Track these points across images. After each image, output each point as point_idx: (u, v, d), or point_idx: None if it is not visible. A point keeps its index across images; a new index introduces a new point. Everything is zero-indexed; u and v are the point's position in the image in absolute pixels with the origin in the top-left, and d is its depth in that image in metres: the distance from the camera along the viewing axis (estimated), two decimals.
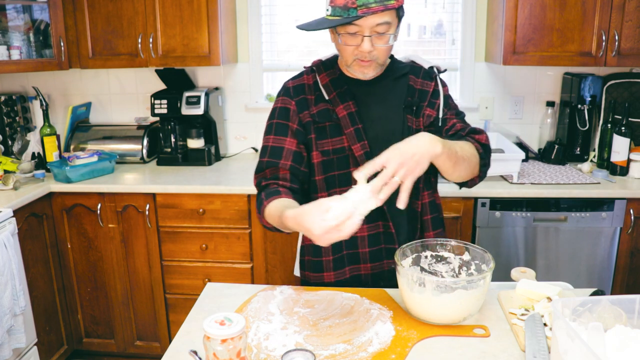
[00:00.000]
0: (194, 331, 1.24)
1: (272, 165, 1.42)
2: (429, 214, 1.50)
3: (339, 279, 1.49)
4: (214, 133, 2.90)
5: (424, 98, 1.46)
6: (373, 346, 1.14)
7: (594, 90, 2.70)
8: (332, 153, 1.43)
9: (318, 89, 1.45)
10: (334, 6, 1.28)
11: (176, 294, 2.62)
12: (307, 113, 1.44)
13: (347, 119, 1.41)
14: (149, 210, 2.51)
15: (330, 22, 1.28)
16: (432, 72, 1.50)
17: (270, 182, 1.41)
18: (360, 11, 1.25)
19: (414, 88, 1.47)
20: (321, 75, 1.46)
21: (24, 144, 2.88)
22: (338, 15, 1.27)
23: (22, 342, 2.19)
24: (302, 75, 1.49)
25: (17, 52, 2.67)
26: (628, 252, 2.39)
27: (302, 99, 1.45)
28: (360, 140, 1.41)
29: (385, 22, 1.29)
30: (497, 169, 2.46)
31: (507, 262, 2.41)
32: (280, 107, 1.46)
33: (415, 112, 1.45)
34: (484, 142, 1.42)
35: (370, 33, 1.30)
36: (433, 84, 1.48)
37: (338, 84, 1.44)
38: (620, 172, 2.53)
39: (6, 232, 2.14)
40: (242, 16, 2.96)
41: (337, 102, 1.42)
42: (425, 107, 1.45)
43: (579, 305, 1.01)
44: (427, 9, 2.97)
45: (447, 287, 1.18)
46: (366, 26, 1.28)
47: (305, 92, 1.46)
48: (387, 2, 1.26)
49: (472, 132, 1.43)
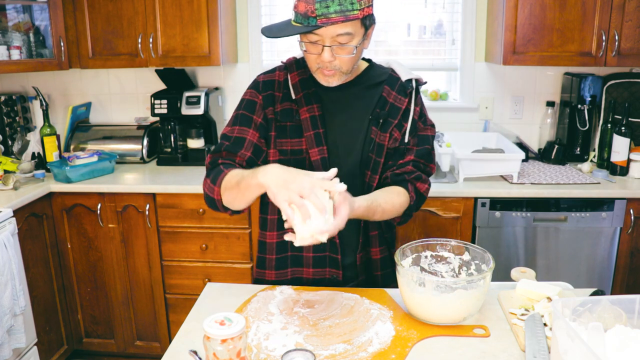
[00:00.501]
0: (194, 331, 1.23)
1: (231, 151, 1.39)
2: (375, 230, 1.46)
3: (280, 279, 1.48)
4: (214, 133, 2.90)
5: (395, 115, 1.40)
6: (373, 346, 1.14)
7: (594, 90, 2.70)
8: (290, 154, 1.41)
9: (287, 87, 1.43)
10: (296, 12, 1.25)
11: (176, 294, 2.62)
12: (271, 109, 1.42)
13: (308, 121, 1.39)
14: (149, 210, 2.51)
15: (291, 29, 1.24)
16: (408, 86, 1.42)
17: (228, 161, 1.38)
18: (320, 21, 1.20)
19: (386, 100, 1.41)
20: (292, 74, 1.43)
21: (24, 144, 2.88)
22: (299, 22, 1.24)
23: (22, 342, 2.19)
24: (275, 71, 1.47)
25: (17, 52, 2.67)
26: (628, 252, 2.39)
27: (269, 95, 1.43)
28: (319, 145, 1.38)
29: (347, 32, 1.24)
30: (497, 169, 2.46)
31: (507, 262, 2.41)
32: (247, 100, 1.44)
33: (382, 126, 1.40)
34: (422, 192, 1.43)
35: (331, 43, 1.26)
36: (406, 100, 1.41)
37: (307, 85, 1.42)
38: (620, 172, 2.53)
39: (6, 232, 2.14)
40: (242, 16, 2.96)
41: (302, 104, 1.40)
42: (393, 126, 1.40)
43: (579, 305, 1.01)
44: (427, 9, 2.97)
45: (447, 287, 1.18)
46: (326, 36, 1.25)
47: (274, 88, 1.43)
48: (349, 12, 1.21)
49: (416, 179, 1.42)
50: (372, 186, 1.41)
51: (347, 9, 1.20)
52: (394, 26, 3.00)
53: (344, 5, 1.20)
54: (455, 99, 3.03)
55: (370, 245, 1.48)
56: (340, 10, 1.20)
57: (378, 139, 1.40)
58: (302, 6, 1.22)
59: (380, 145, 1.40)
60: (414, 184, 1.42)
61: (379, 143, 1.40)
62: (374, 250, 1.48)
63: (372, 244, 1.48)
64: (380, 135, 1.40)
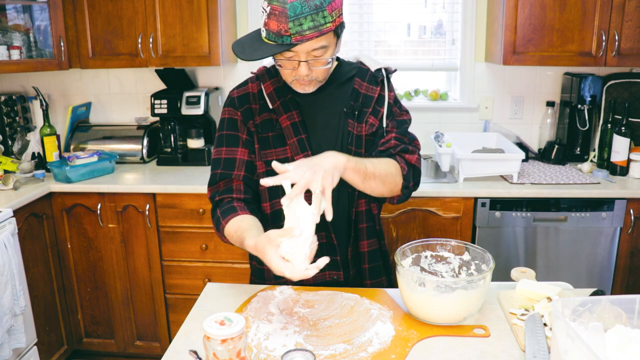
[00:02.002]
0: (194, 331, 1.23)
1: (226, 177, 1.40)
2: (364, 223, 1.47)
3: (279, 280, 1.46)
4: (214, 133, 2.89)
5: (368, 104, 1.41)
6: (373, 346, 1.14)
7: (594, 90, 2.70)
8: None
9: (262, 97, 1.42)
10: (267, 30, 1.22)
11: (176, 294, 2.62)
12: (251, 123, 1.41)
13: (290, 129, 1.39)
14: (149, 210, 2.51)
15: (266, 50, 1.22)
16: (379, 74, 1.42)
17: (225, 196, 1.39)
18: (294, 39, 1.19)
19: (359, 92, 1.42)
20: (265, 84, 1.42)
21: (24, 144, 2.88)
22: (272, 40, 1.22)
23: (22, 342, 2.19)
24: (247, 84, 1.45)
25: (17, 52, 2.67)
26: (628, 252, 2.39)
27: (247, 109, 1.42)
28: (304, 151, 1.38)
29: (322, 46, 1.24)
30: (497, 169, 2.46)
31: (507, 262, 2.41)
32: (227, 119, 1.44)
33: (358, 117, 1.40)
34: (414, 162, 1.41)
35: (307, 58, 1.26)
36: (378, 89, 1.42)
37: (282, 93, 1.41)
38: (620, 172, 2.53)
39: (6, 232, 2.14)
40: (242, 16, 2.96)
41: (281, 112, 1.39)
42: (369, 114, 1.41)
43: (579, 305, 1.01)
44: (427, 9, 2.98)
45: (447, 287, 1.18)
46: (302, 52, 1.24)
47: (250, 101, 1.43)
48: (322, 27, 1.20)
49: (403, 151, 1.41)
50: None
51: (320, 24, 1.19)
52: (394, 26, 3.00)
53: (317, 21, 1.19)
54: (455, 99, 3.03)
55: (359, 238, 1.48)
56: (314, 26, 1.19)
57: (355, 130, 1.40)
58: (274, 25, 1.20)
59: (359, 136, 1.40)
60: (402, 156, 1.40)
61: (357, 134, 1.40)
62: (362, 243, 1.48)
63: (361, 237, 1.48)
64: (357, 126, 1.40)
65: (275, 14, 1.19)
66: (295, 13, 1.17)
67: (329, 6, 1.20)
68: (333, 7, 1.21)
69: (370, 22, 2.97)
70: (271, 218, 1.45)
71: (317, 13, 1.18)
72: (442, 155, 2.52)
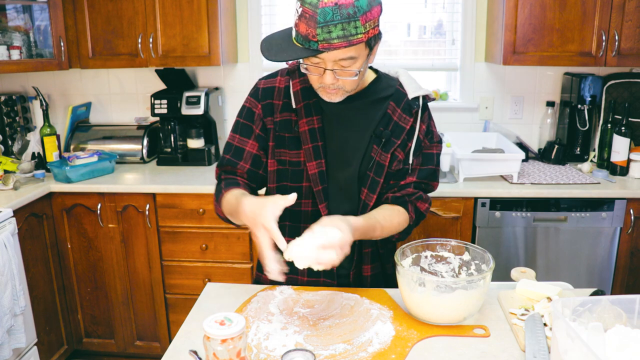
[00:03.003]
0: (194, 331, 1.23)
1: (232, 164, 1.42)
2: (369, 247, 1.44)
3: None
4: (214, 133, 2.90)
5: (398, 134, 1.35)
6: (373, 346, 1.14)
7: (594, 90, 2.70)
8: (288, 164, 1.40)
9: (288, 95, 1.38)
10: (297, 31, 1.17)
11: (176, 294, 2.62)
12: (270, 119, 1.39)
13: (307, 134, 1.36)
14: (149, 210, 2.51)
15: (292, 52, 1.17)
16: (414, 105, 1.36)
17: (230, 176, 1.41)
18: (321, 46, 1.14)
19: (391, 117, 1.36)
20: (294, 81, 1.38)
21: (24, 144, 2.88)
22: (300, 43, 1.17)
23: (22, 342, 2.19)
24: (277, 76, 1.42)
25: (17, 52, 2.67)
26: (628, 252, 2.39)
27: (268, 104, 1.39)
28: (317, 159, 1.36)
29: (350, 57, 1.19)
30: (497, 169, 2.46)
31: (507, 262, 2.41)
32: (247, 108, 1.43)
33: (384, 146, 1.35)
34: (423, 211, 1.42)
35: (333, 67, 1.21)
36: (411, 120, 1.36)
37: (309, 95, 1.36)
38: (620, 172, 2.53)
39: (6, 232, 2.14)
40: (242, 16, 2.96)
41: (302, 115, 1.36)
42: (397, 146, 1.36)
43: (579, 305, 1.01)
44: (427, 9, 2.98)
45: (447, 287, 1.18)
46: (328, 60, 1.19)
47: (274, 96, 1.39)
48: (353, 37, 1.14)
49: (417, 199, 1.40)
50: (368, 205, 1.38)
51: (350, 34, 1.13)
52: (394, 26, 3.00)
53: (347, 30, 1.13)
54: (455, 99, 3.03)
55: (362, 262, 1.46)
56: (344, 36, 1.13)
57: (379, 157, 1.36)
58: (303, 28, 1.14)
59: (381, 164, 1.36)
60: (414, 204, 1.40)
61: (379, 162, 1.36)
62: (365, 267, 1.46)
63: (365, 261, 1.46)
64: (382, 154, 1.36)
65: (305, 16, 1.13)
66: (325, 19, 1.11)
67: (363, 16, 1.13)
68: (368, 17, 1.15)
69: None
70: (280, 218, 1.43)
71: (349, 22, 1.12)
72: (442, 155, 2.52)
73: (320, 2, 1.11)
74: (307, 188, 1.39)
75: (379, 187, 1.38)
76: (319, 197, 1.38)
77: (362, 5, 1.13)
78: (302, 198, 1.40)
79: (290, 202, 1.14)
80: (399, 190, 1.39)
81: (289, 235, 1.39)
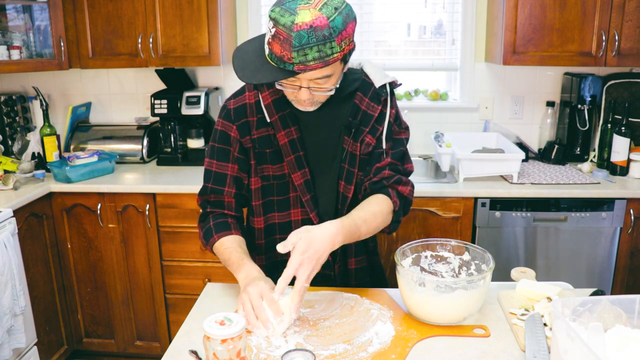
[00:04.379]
0: (194, 331, 1.24)
1: (216, 192, 1.40)
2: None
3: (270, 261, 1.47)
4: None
5: (367, 122, 1.35)
6: (373, 346, 1.14)
7: (594, 90, 2.70)
8: (272, 179, 1.39)
9: (260, 109, 1.35)
10: (270, 50, 1.14)
11: (176, 294, 2.62)
12: (248, 138, 1.36)
13: (287, 146, 1.34)
14: (149, 210, 2.51)
15: (267, 74, 1.15)
16: (382, 93, 1.36)
17: (217, 210, 1.40)
18: (297, 68, 1.12)
19: (359, 107, 1.36)
20: (264, 94, 1.34)
21: (24, 144, 2.88)
22: (274, 62, 1.14)
23: (22, 342, 2.19)
24: (244, 93, 1.37)
25: (17, 52, 2.67)
26: (628, 252, 2.39)
27: (243, 123, 1.36)
28: (301, 168, 1.36)
29: (325, 75, 1.18)
30: (497, 169, 2.46)
31: (507, 262, 2.41)
32: (220, 131, 1.39)
33: (354, 135, 1.35)
34: (406, 194, 1.38)
35: (309, 85, 1.20)
36: (380, 107, 1.36)
37: (281, 106, 1.34)
38: (620, 172, 2.53)
39: (6, 232, 2.14)
40: (242, 16, 2.96)
41: (279, 127, 1.34)
42: (366, 132, 1.35)
43: (579, 305, 1.01)
44: (427, 9, 2.97)
45: (447, 287, 1.18)
46: (304, 79, 1.18)
47: (247, 113, 1.36)
48: (328, 57, 1.12)
49: (396, 183, 1.36)
50: (347, 197, 1.38)
51: (326, 55, 1.11)
52: (394, 26, 3.00)
53: (323, 52, 1.11)
54: (455, 99, 3.03)
55: (347, 256, 1.46)
56: (320, 57, 1.11)
57: (350, 148, 1.36)
58: (277, 49, 1.12)
59: (353, 154, 1.36)
60: (395, 188, 1.36)
61: (352, 152, 1.36)
62: (350, 260, 1.47)
63: (349, 255, 1.46)
64: (353, 144, 1.36)
65: (279, 38, 1.11)
66: (300, 43, 1.09)
67: (338, 36, 1.11)
68: (343, 36, 1.13)
69: (370, 22, 2.96)
70: (265, 232, 1.45)
71: (325, 44, 1.10)
72: (442, 155, 2.52)
73: (294, 26, 1.08)
74: (294, 198, 1.40)
75: (354, 177, 1.37)
76: (308, 206, 1.38)
77: (337, 25, 1.11)
78: (290, 208, 1.41)
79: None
80: (375, 175, 1.37)
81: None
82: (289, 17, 1.09)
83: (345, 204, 1.39)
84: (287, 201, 1.41)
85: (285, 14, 1.09)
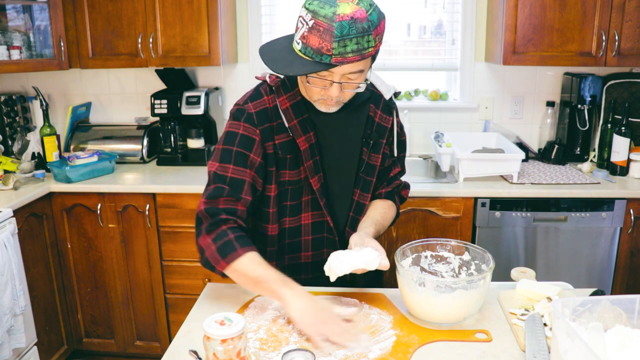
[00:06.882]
0: (194, 331, 1.24)
1: (232, 197, 1.30)
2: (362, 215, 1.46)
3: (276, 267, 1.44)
4: (214, 133, 2.90)
5: (383, 134, 1.43)
6: (374, 352, 1.12)
7: (594, 90, 2.70)
8: (288, 184, 1.38)
9: (278, 114, 1.34)
10: (305, 44, 1.15)
11: (176, 294, 2.62)
12: (270, 144, 1.33)
13: (307, 152, 1.35)
14: (149, 210, 2.51)
15: (303, 67, 1.15)
16: (392, 105, 1.46)
17: (230, 217, 1.29)
18: (335, 60, 1.13)
19: (373, 120, 1.42)
20: (281, 99, 1.33)
21: (24, 144, 2.88)
22: (309, 56, 1.15)
23: (22, 342, 2.19)
24: (262, 97, 1.34)
25: (17, 52, 2.67)
26: (628, 252, 2.39)
27: (266, 128, 1.32)
28: (317, 173, 1.37)
29: (359, 70, 1.20)
30: (497, 169, 2.46)
31: (507, 262, 2.41)
32: (243, 135, 1.31)
33: (373, 147, 1.42)
34: (405, 197, 1.58)
35: (341, 80, 1.21)
36: (391, 119, 1.45)
37: (299, 111, 1.34)
38: (620, 172, 2.53)
39: (6, 232, 2.14)
40: (242, 16, 2.96)
41: (299, 133, 1.33)
42: (384, 145, 1.44)
43: (579, 305, 1.01)
44: (427, 9, 2.97)
45: (447, 287, 1.18)
46: (338, 73, 1.19)
47: (269, 118, 1.33)
48: (365, 50, 1.14)
49: (404, 188, 1.56)
50: (363, 204, 1.45)
51: (363, 47, 1.14)
52: (394, 26, 3.00)
53: (361, 44, 1.13)
54: (455, 99, 3.03)
55: (355, 227, 1.45)
56: (357, 50, 1.13)
57: (369, 159, 1.43)
58: (315, 41, 1.13)
59: (372, 165, 1.43)
60: (400, 194, 1.55)
61: (371, 164, 1.43)
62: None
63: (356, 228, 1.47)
64: (372, 156, 1.43)
65: (319, 29, 1.12)
66: (341, 33, 1.11)
67: (375, 30, 1.15)
68: (378, 31, 1.16)
69: None
70: (278, 238, 1.43)
71: (363, 36, 1.13)
72: (442, 155, 2.52)
73: (336, 16, 1.11)
74: (305, 202, 1.41)
75: (372, 186, 1.45)
76: (326, 209, 1.40)
77: (374, 19, 1.15)
78: (301, 212, 1.42)
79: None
80: (389, 184, 1.51)
81: (288, 252, 1.45)
82: (329, 9, 1.12)
83: (361, 212, 1.45)
84: (299, 205, 1.41)
85: (325, 6, 1.13)
